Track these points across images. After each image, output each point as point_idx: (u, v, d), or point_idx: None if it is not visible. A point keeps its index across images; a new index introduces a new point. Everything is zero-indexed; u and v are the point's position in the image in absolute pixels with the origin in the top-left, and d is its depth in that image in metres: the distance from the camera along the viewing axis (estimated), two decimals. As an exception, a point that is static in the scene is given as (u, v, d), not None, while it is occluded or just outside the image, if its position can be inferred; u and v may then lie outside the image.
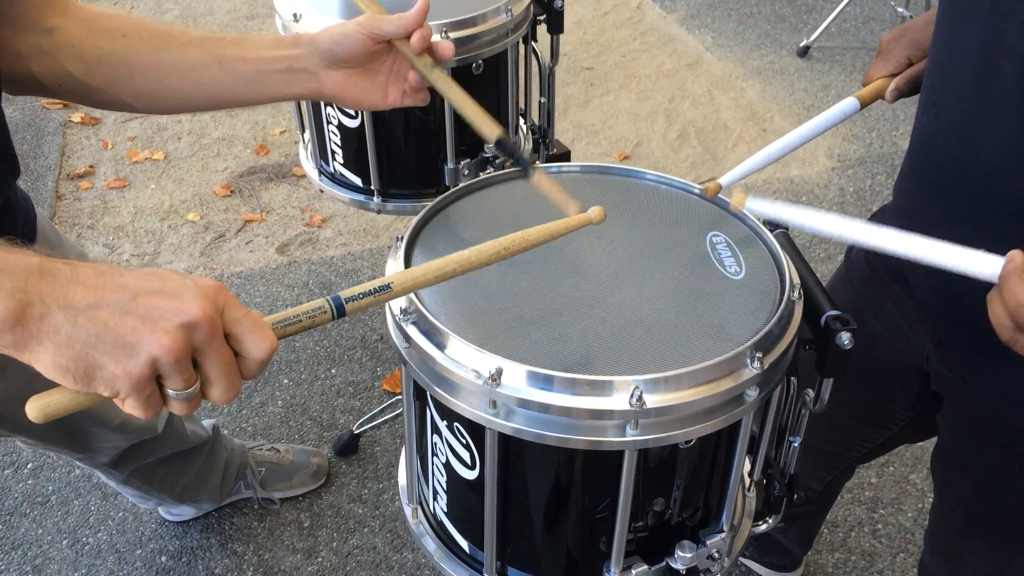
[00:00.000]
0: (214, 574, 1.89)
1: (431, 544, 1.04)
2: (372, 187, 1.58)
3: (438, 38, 1.08)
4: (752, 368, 0.81)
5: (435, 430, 0.94)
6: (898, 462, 2.10)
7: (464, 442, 0.90)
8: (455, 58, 1.40)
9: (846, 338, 0.87)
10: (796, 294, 0.90)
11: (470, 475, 0.91)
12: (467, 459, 0.91)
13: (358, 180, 1.61)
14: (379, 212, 1.61)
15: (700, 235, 1.00)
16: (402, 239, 0.97)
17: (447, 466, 0.95)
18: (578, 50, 3.84)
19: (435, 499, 1.02)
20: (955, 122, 0.94)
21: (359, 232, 2.85)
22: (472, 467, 0.90)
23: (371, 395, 2.28)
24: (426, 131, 1.53)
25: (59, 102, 3.34)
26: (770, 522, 1.05)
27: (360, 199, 1.62)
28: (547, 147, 1.70)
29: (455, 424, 0.90)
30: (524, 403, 0.79)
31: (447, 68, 1.41)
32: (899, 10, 3.55)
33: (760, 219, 0.99)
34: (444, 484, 0.98)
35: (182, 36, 1.02)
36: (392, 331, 0.90)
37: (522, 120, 1.69)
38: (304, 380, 2.32)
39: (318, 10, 1.45)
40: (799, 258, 0.97)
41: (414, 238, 0.99)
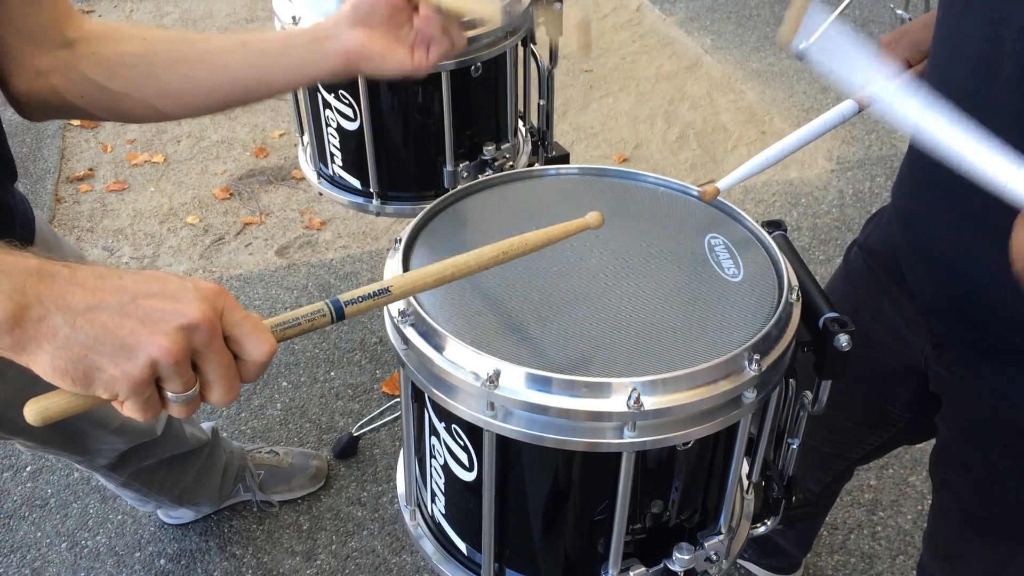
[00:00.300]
0: (213, 577, 1.89)
1: (429, 546, 1.04)
2: (371, 189, 1.58)
3: None
4: (750, 370, 0.81)
5: (433, 432, 0.94)
6: (897, 464, 2.10)
7: (462, 444, 0.90)
8: (454, 61, 1.41)
9: (844, 340, 0.87)
10: (794, 296, 0.90)
11: (468, 477, 0.91)
12: (465, 461, 0.90)
13: (357, 183, 1.61)
14: (378, 214, 1.62)
15: (698, 237, 1.00)
16: (400, 241, 0.97)
17: (445, 468, 0.95)
18: (577, 52, 3.85)
19: (433, 501, 1.02)
20: (954, 123, 0.94)
21: (358, 235, 2.86)
22: (470, 469, 0.90)
23: (370, 397, 2.28)
24: (425, 133, 1.53)
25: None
26: (769, 524, 1.05)
27: (359, 201, 1.62)
28: (546, 150, 1.70)
29: (453, 426, 0.90)
30: (522, 405, 0.79)
31: (446, 70, 1.43)
32: (898, 12, 3.55)
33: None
34: (442, 486, 0.98)
35: (202, 36, 1.03)
36: (390, 333, 0.90)
37: (521, 122, 1.69)
38: (303, 383, 2.32)
39: (316, 13, 1.45)
40: (797, 260, 0.97)
41: (412, 240, 0.99)
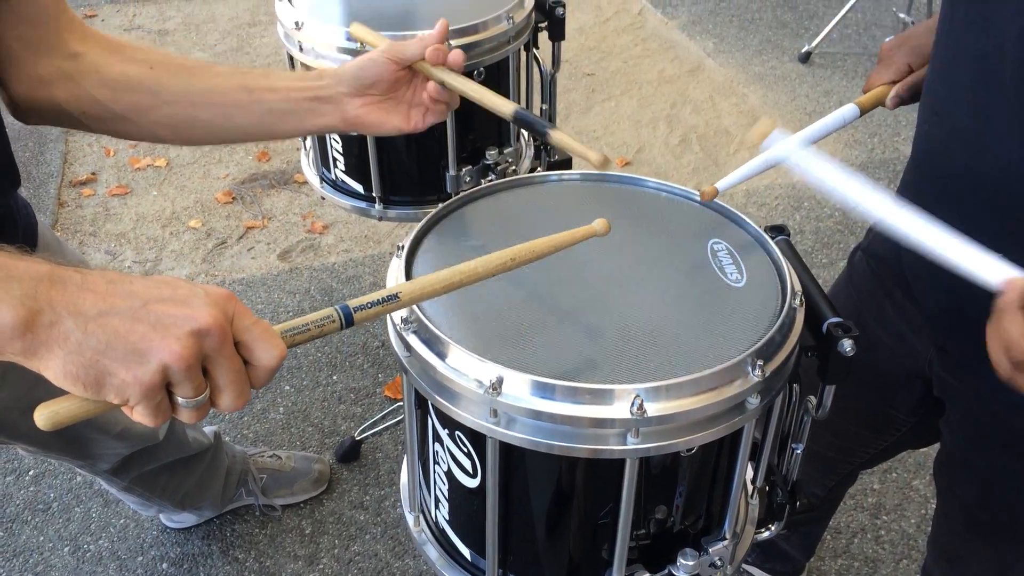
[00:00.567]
0: (216, 581, 1.89)
1: (433, 552, 1.04)
2: (374, 194, 1.58)
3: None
4: (754, 376, 0.81)
5: (436, 439, 0.94)
6: (901, 468, 2.10)
7: (465, 450, 0.89)
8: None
9: (848, 345, 0.87)
10: (798, 301, 0.90)
11: (472, 483, 0.91)
12: (468, 467, 0.90)
13: (360, 187, 1.61)
14: (381, 219, 1.62)
15: (701, 242, 1.00)
16: (403, 247, 0.97)
17: (449, 474, 0.95)
18: (580, 56, 3.85)
19: (437, 507, 1.02)
20: (957, 130, 0.94)
21: (360, 238, 2.86)
22: (474, 475, 0.90)
23: (372, 401, 2.28)
24: (428, 138, 1.53)
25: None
26: (773, 529, 1.05)
27: (362, 206, 1.62)
28: (548, 154, 1.70)
29: (456, 433, 0.89)
30: (525, 412, 0.79)
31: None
32: (901, 15, 3.55)
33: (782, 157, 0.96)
34: (446, 492, 0.98)
35: (209, 69, 1.04)
36: (393, 340, 0.90)
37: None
38: (306, 386, 2.32)
39: (319, 18, 1.45)
40: (800, 264, 0.97)
41: (415, 246, 0.99)
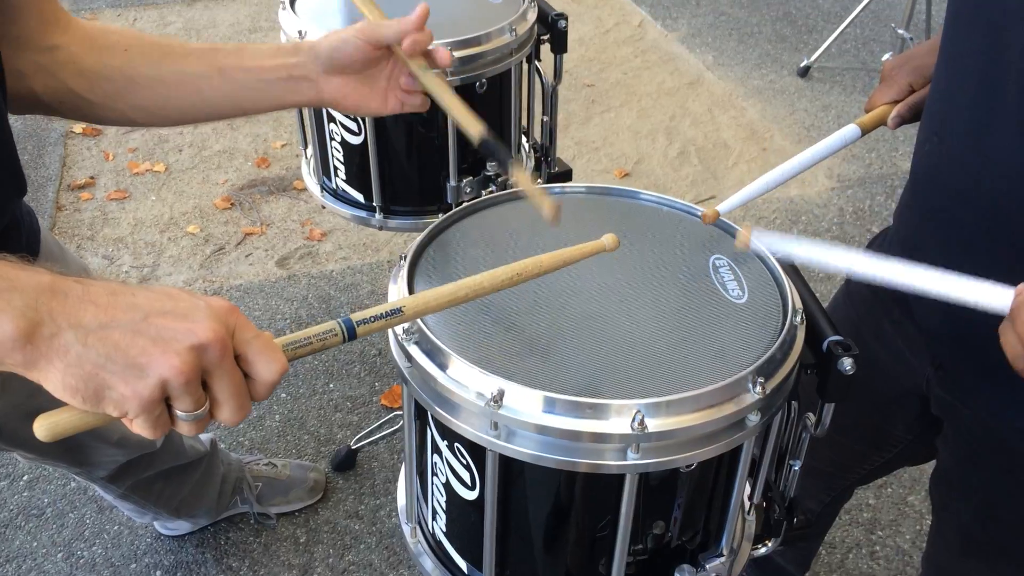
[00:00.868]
0: (209, 589, 1.88)
1: (429, 563, 1.04)
2: (374, 204, 1.58)
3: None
4: (754, 393, 0.81)
5: (435, 450, 0.94)
6: (896, 484, 2.10)
7: (465, 463, 0.89)
8: (459, 77, 1.41)
9: (848, 363, 0.87)
10: (799, 319, 0.90)
11: (470, 496, 0.91)
12: (467, 480, 0.90)
13: (360, 196, 1.61)
14: (381, 228, 1.62)
15: (702, 258, 1.00)
16: (405, 259, 0.97)
17: (447, 486, 0.95)
18: (580, 67, 3.86)
19: (434, 519, 1.02)
20: (958, 151, 0.94)
21: (359, 246, 2.86)
22: (472, 488, 0.90)
23: (369, 410, 2.27)
24: (429, 148, 1.54)
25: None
26: (770, 545, 1.05)
27: (362, 215, 1.62)
28: (549, 165, 1.71)
29: (456, 444, 0.89)
30: (525, 425, 0.79)
31: (451, 86, 1.43)
32: (899, 32, 3.56)
33: (770, 254, 0.98)
34: (444, 504, 0.98)
35: (181, 48, 1.02)
36: (394, 350, 0.90)
37: (524, 138, 1.70)
38: (302, 394, 2.32)
39: (323, 27, 1.46)
40: (801, 282, 0.97)
41: (416, 258, 0.99)
